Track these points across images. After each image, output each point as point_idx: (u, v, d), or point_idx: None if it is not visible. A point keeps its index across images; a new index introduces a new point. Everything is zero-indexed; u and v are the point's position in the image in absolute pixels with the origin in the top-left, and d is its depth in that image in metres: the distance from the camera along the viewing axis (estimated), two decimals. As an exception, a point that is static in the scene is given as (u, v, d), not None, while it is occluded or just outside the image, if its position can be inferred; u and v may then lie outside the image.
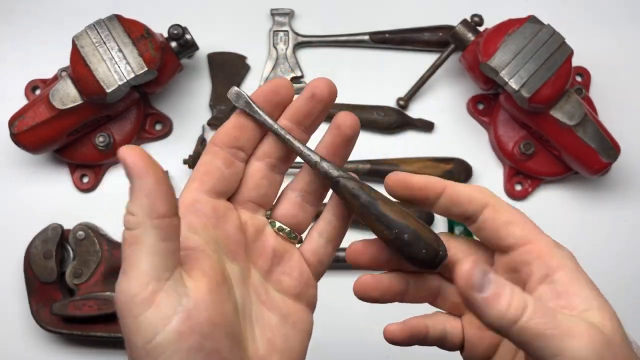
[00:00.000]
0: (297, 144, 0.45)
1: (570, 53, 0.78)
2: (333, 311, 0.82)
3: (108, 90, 0.75)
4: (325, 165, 0.45)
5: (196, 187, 0.44)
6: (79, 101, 0.78)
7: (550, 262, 0.42)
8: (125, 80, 0.75)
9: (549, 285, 0.41)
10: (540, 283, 0.42)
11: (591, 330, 0.38)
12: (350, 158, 0.84)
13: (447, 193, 0.44)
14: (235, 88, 0.45)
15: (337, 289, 0.83)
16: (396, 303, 0.57)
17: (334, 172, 0.45)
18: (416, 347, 0.80)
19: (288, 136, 0.44)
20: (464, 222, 0.45)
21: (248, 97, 0.44)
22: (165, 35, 0.81)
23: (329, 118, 0.44)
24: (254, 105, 0.44)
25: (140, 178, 0.36)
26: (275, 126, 0.44)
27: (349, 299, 0.82)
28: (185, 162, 0.82)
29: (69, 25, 0.81)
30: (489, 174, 0.87)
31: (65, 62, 0.78)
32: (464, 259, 0.37)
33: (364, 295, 0.49)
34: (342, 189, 0.45)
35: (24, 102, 0.86)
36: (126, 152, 0.36)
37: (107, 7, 0.83)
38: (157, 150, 0.88)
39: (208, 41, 0.89)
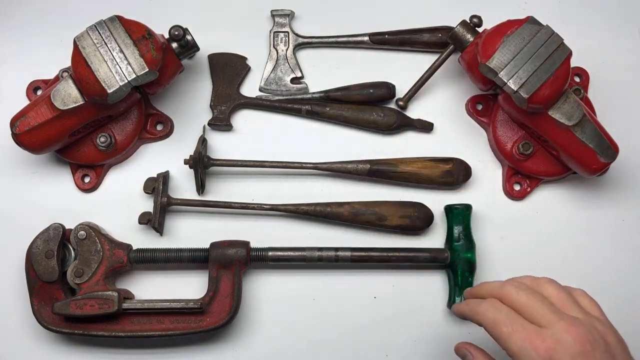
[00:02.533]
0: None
1: (569, 54, 0.78)
2: (333, 311, 0.82)
3: (109, 91, 0.75)
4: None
5: None
6: (80, 101, 0.78)
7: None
8: (126, 81, 0.76)
9: None
10: None
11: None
12: (350, 158, 0.85)
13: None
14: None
15: (337, 288, 0.83)
16: (397, 304, 0.57)
17: None
18: (415, 346, 0.80)
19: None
20: None
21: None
22: (166, 36, 0.82)
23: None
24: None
25: None
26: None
27: (349, 299, 0.83)
28: (185, 162, 0.82)
29: (70, 26, 0.82)
30: (488, 174, 0.88)
31: (67, 62, 0.79)
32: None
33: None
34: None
35: (25, 102, 0.86)
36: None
37: (108, 8, 0.83)
38: (158, 150, 0.88)
39: (209, 42, 0.89)
